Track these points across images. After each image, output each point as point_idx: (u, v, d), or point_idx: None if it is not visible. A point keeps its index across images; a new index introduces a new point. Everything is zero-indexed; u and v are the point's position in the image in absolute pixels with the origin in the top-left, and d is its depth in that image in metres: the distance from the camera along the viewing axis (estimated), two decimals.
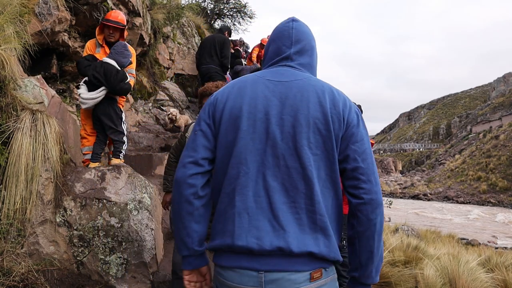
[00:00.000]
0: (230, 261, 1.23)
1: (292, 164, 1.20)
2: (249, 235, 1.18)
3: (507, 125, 47.06)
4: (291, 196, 1.20)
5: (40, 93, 3.34)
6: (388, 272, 4.47)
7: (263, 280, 1.17)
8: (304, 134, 1.21)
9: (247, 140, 1.23)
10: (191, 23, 10.68)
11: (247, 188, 1.21)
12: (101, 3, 4.96)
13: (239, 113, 1.26)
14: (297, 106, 1.23)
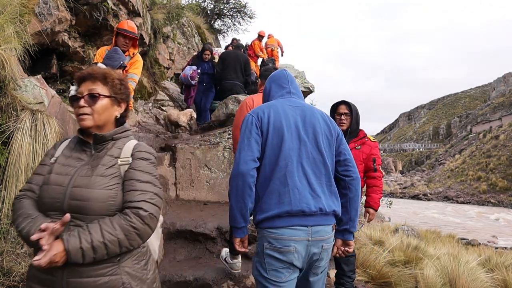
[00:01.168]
0: (287, 222, 1.79)
1: (317, 157, 1.89)
2: (302, 202, 1.80)
3: (507, 125, 47.07)
4: (318, 176, 1.88)
5: (40, 93, 3.35)
6: (388, 272, 4.47)
7: (311, 232, 1.81)
8: (321, 138, 1.91)
9: (289, 143, 1.86)
10: (191, 23, 10.68)
11: (293, 173, 1.83)
12: (101, 3, 4.96)
13: (280, 126, 1.88)
14: (313, 122, 1.95)
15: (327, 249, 1.89)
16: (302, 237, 1.80)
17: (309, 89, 11.09)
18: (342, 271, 3.23)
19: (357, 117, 3.25)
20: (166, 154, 4.75)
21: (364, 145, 3.20)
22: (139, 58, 4.04)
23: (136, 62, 3.98)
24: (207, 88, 6.74)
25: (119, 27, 3.92)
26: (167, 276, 3.07)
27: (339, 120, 3.23)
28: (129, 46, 3.94)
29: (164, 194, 4.24)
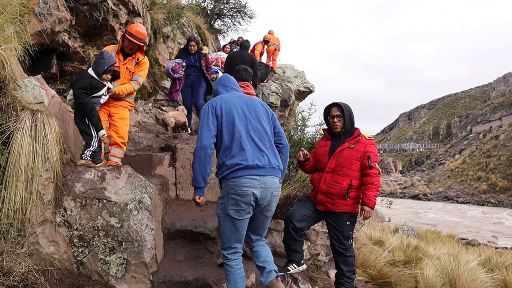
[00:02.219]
0: (246, 172, 2.46)
1: (260, 128, 2.64)
2: (255, 158, 2.50)
3: (507, 125, 47.05)
4: (263, 142, 2.59)
5: (40, 93, 3.35)
6: (388, 272, 4.48)
7: (263, 181, 2.49)
8: (261, 116, 2.69)
9: (239, 121, 2.59)
10: (191, 23, 10.68)
11: (246, 141, 2.54)
12: (101, 3, 4.96)
13: (230, 110, 2.62)
14: (254, 105, 2.72)
15: (276, 196, 2.60)
16: (257, 184, 2.47)
17: (309, 89, 11.08)
18: (341, 271, 3.23)
19: (350, 117, 3.25)
20: (166, 154, 4.74)
21: (359, 143, 3.19)
22: (146, 61, 4.04)
23: (143, 65, 4.00)
24: (196, 82, 6.19)
25: (127, 30, 3.90)
26: (167, 276, 3.07)
27: (333, 122, 3.25)
28: (134, 50, 3.92)
29: (164, 194, 4.24)
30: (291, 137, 6.33)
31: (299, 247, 3.34)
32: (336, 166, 3.19)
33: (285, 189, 4.77)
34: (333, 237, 3.26)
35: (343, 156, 3.17)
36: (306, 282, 3.29)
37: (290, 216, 3.29)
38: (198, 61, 6.19)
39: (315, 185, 3.33)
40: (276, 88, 9.47)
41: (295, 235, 3.26)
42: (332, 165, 3.21)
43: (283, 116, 9.79)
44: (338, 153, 3.20)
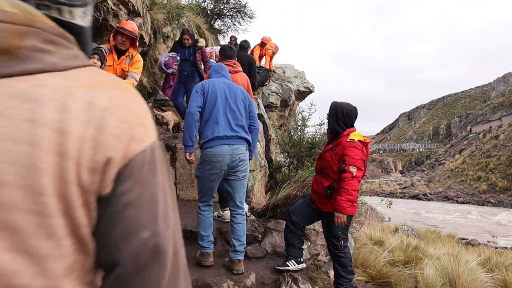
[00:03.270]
0: (217, 142, 3.03)
1: (236, 110, 3.15)
2: (225, 131, 3.05)
3: (507, 125, 47.08)
4: (235, 121, 3.12)
5: None
6: (388, 272, 4.48)
7: (231, 148, 3.03)
8: (239, 100, 3.19)
9: (219, 100, 3.12)
10: (191, 23, 10.68)
11: (221, 118, 3.07)
12: (101, 3, 4.96)
13: (215, 91, 3.15)
14: (235, 91, 3.22)
15: (243, 160, 3.12)
16: (227, 152, 3.03)
17: (309, 89, 11.09)
18: (336, 271, 3.26)
19: (337, 117, 3.23)
20: (166, 154, 4.75)
21: (339, 145, 3.16)
22: (140, 58, 4.10)
23: (136, 62, 4.04)
24: (189, 77, 5.81)
25: (118, 26, 4.00)
26: None
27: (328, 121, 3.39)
28: (127, 46, 3.97)
29: None
30: (291, 137, 6.34)
31: (297, 242, 3.38)
32: (321, 168, 3.28)
33: (285, 189, 4.78)
34: (325, 236, 3.36)
35: (325, 158, 3.24)
36: (306, 282, 3.29)
37: (289, 210, 3.46)
38: (193, 55, 5.81)
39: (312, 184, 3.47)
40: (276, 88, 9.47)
41: (292, 228, 3.36)
42: (318, 166, 3.34)
43: (283, 116, 9.78)
44: (322, 154, 3.31)
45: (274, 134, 7.06)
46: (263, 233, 3.80)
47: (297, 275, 3.30)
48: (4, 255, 0.43)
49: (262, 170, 5.23)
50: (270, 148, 6.77)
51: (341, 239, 3.20)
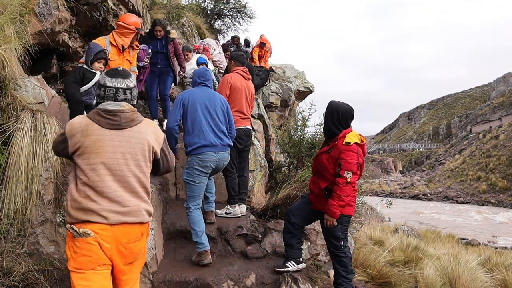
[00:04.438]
0: (205, 149, 3.39)
1: (216, 118, 3.51)
2: (211, 139, 3.42)
3: (507, 125, 47.04)
4: (217, 128, 3.50)
5: (40, 93, 3.35)
6: (388, 272, 4.48)
7: (217, 155, 3.45)
8: (218, 108, 3.56)
9: (200, 111, 3.46)
10: (191, 23, 10.68)
11: (205, 126, 3.43)
12: (101, 3, 4.96)
13: (195, 103, 3.48)
14: (214, 100, 3.58)
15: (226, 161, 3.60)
16: (213, 159, 3.43)
17: (309, 89, 11.08)
18: (336, 270, 3.25)
19: (331, 117, 3.16)
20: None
21: (335, 148, 3.10)
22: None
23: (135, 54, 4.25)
24: (164, 71, 5.51)
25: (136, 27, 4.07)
26: (167, 276, 3.07)
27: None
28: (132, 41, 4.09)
29: (164, 194, 4.24)
30: (291, 137, 6.34)
31: (295, 242, 3.37)
32: (317, 169, 3.27)
33: (285, 189, 4.77)
34: (325, 237, 3.34)
35: (320, 160, 3.21)
36: (306, 282, 3.29)
37: (288, 210, 3.46)
38: (165, 47, 5.49)
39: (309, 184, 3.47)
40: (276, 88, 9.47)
41: (291, 228, 3.35)
42: (315, 168, 3.32)
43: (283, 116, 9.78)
44: (318, 156, 3.28)
45: (274, 134, 7.06)
46: (263, 233, 3.80)
47: (297, 275, 3.30)
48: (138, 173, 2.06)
49: (262, 170, 5.22)
50: (270, 148, 6.77)
51: (341, 239, 3.18)
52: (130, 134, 2.02)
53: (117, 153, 1.97)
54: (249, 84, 4.36)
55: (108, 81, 2.04)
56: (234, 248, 3.64)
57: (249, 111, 4.35)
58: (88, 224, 1.90)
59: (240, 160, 4.25)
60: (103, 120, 1.98)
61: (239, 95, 4.17)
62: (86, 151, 1.95)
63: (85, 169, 1.95)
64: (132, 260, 2.03)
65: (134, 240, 2.00)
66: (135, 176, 2.02)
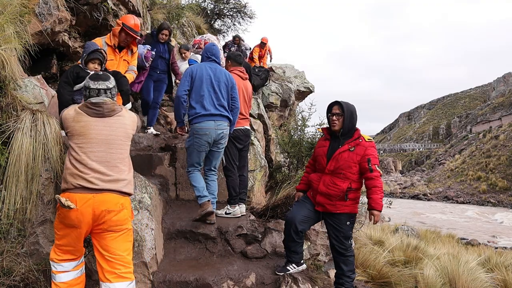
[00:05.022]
0: (204, 119, 3.60)
1: (218, 92, 3.69)
2: (211, 109, 3.62)
3: (507, 125, 47.06)
4: (219, 102, 3.69)
5: (40, 93, 3.35)
6: (388, 272, 4.48)
7: (216, 124, 3.62)
8: (222, 84, 3.73)
9: (205, 84, 3.66)
10: (191, 23, 10.68)
11: (207, 99, 3.64)
12: (101, 3, 4.96)
13: (201, 76, 3.68)
14: (219, 75, 3.75)
15: (225, 134, 3.71)
16: (212, 126, 3.60)
17: (309, 89, 11.08)
18: (341, 271, 3.22)
19: (351, 117, 3.19)
20: (166, 154, 4.75)
21: (359, 146, 3.13)
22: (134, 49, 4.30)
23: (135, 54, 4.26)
24: (161, 77, 5.43)
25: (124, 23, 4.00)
26: (167, 276, 3.07)
27: (332, 120, 3.22)
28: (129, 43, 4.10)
29: (164, 194, 4.24)
30: (291, 137, 6.34)
31: (299, 248, 3.33)
32: (336, 169, 3.14)
33: (285, 189, 4.77)
34: (333, 238, 3.22)
35: (343, 159, 3.12)
36: (306, 282, 3.29)
37: (291, 218, 3.24)
38: (167, 53, 5.43)
39: (314, 185, 3.28)
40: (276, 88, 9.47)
41: (295, 237, 3.24)
42: (331, 167, 3.16)
43: (283, 116, 9.78)
44: (338, 155, 3.15)
45: (274, 134, 7.06)
46: (263, 233, 3.80)
47: (297, 275, 3.30)
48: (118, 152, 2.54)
49: (262, 170, 5.22)
50: (270, 148, 6.77)
51: (351, 238, 3.22)
52: (112, 121, 2.53)
53: (101, 135, 2.46)
54: (246, 84, 4.36)
55: (91, 84, 2.54)
56: (234, 248, 3.63)
57: (247, 111, 4.33)
58: (74, 193, 2.36)
59: (240, 160, 4.24)
60: (89, 110, 2.49)
61: None
62: (75, 133, 2.46)
63: (75, 148, 2.44)
64: (110, 228, 2.40)
65: (114, 209, 2.39)
66: (116, 154, 2.50)
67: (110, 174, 2.43)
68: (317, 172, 3.32)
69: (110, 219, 2.39)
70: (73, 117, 2.48)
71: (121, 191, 2.45)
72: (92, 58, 3.42)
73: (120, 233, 2.45)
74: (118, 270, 2.41)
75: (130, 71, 4.15)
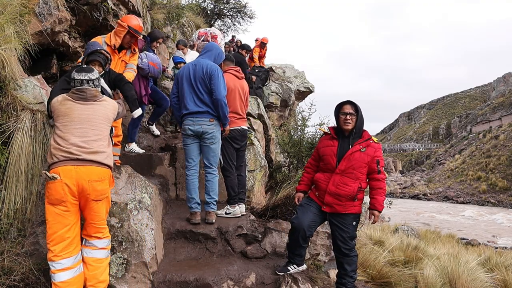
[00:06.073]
0: (187, 117, 3.81)
1: (197, 87, 3.79)
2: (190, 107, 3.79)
3: (507, 125, 47.05)
4: (198, 98, 3.80)
5: (40, 93, 3.35)
6: (388, 272, 4.47)
7: (195, 121, 3.78)
8: (199, 78, 3.80)
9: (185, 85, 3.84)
10: (191, 23, 10.68)
11: (188, 98, 3.81)
12: (101, 3, 4.96)
13: (182, 76, 3.86)
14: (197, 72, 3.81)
15: (207, 129, 3.76)
16: (191, 123, 3.77)
17: (309, 89, 11.09)
18: (344, 271, 3.21)
19: (362, 117, 3.21)
20: (166, 154, 4.75)
21: (369, 147, 3.15)
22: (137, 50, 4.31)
23: (135, 54, 4.25)
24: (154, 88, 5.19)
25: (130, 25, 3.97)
26: (167, 276, 3.07)
27: (344, 120, 3.17)
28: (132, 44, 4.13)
29: (164, 194, 4.24)
30: (291, 137, 6.34)
31: (304, 251, 3.33)
32: (347, 168, 3.12)
33: (285, 189, 4.77)
34: (338, 238, 3.18)
35: (355, 159, 3.11)
36: (306, 282, 3.29)
37: (299, 224, 3.19)
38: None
39: (321, 185, 3.22)
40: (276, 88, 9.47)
41: (302, 243, 3.23)
42: (342, 167, 3.12)
43: (283, 116, 9.78)
44: (350, 155, 3.12)
45: (274, 134, 7.06)
46: (263, 233, 3.80)
47: (297, 275, 3.30)
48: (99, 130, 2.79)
49: (262, 170, 5.22)
50: (270, 148, 6.77)
51: (355, 239, 3.23)
52: (94, 105, 2.81)
53: (83, 115, 2.73)
54: (242, 83, 4.35)
55: (75, 75, 2.82)
56: (234, 248, 3.63)
57: (244, 111, 4.33)
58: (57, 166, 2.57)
59: (237, 159, 4.24)
60: (74, 95, 2.78)
61: (233, 95, 4.14)
62: (60, 114, 2.72)
63: (59, 126, 2.70)
64: (96, 197, 2.65)
65: (96, 180, 2.64)
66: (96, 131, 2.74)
67: (90, 147, 2.66)
68: (324, 172, 3.26)
69: (95, 189, 2.63)
70: (60, 101, 2.78)
71: (101, 163, 2.69)
72: (91, 60, 3.34)
73: (102, 201, 2.72)
74: (101, 233, 2.75)
75: (129, 70, 4.09)
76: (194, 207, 3.75)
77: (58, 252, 2.55)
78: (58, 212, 2.56)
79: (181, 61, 5.93)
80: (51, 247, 2.56)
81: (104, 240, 2.78)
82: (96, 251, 2.73)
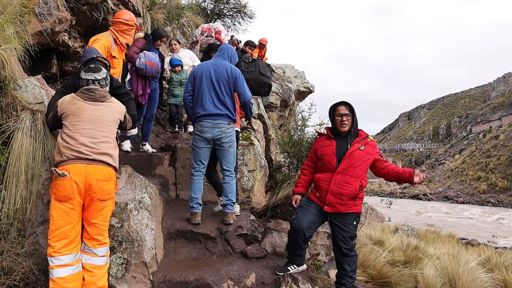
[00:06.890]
0: (203, 118, 3.71)
1: (218, 90, 3.72)
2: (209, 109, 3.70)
3: (507, 125, 47.05)
4: (218, 100, 3.71)
5: (40, 93, 3.34)
6: (388, 272, 4.47)
7: (214, 123, 3.69)
8: (222, 80, 3.73)
9: (205, 83, 3.73)
10: (191, 23, 10.68)
11: (206, 98, 3.71)
12: (101, 3, 4.95)
13: (201, 75, 3.76)
14: (219, 72, 3.74)
15: (226, 132, 3.71)
16: (210, 125, 3.68)
17: (309, 89, 11.09)
18: (344, 271, 3.21)
19: (356, 117, 3.26)
20: (166, 154, 4.75)
21: (367, 145, 3.21)
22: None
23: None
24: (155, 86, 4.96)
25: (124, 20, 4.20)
26: (167, 276, 3.07)
27: (340, 121, 3.18)
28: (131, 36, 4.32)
29: (164, 194, 4.24)
30: (291, 137, 6.34)
31: (304, 252, 3.33)
32: (348, 167, 3.12)
33: (285, 189, 4.77)
34: (339, 238, 3.17)
35: (355, 158, 3.13)
36: (306, 282, 3.29)
37: (298, 225, 3.17)
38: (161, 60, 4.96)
39: (322, 185, 3.20)
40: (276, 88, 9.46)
41: (302, 244, 3.22)
42: (344, 166, 3.13)
43: (283, 116, 9.78)
44: (350, 154, 3.14)
45: (274, 134, 7.06)
46: (263, 233, 3.80)
47: (297, 275, 3.30)
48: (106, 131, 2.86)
49: (262, 170, 5.22)
50: (270, 148, 6.77)
51: (355, 238, 3.23)
52: (102, 106, 2.87)
53: (92, 116, 2.78)
54: None
55: (83, 75, 2.91)
56: (234, 248, 3.63)
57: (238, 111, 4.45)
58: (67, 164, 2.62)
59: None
60: (83, 95, 2.84)
61: None
62: (70, 113, 2.77)
63: (68, 125, 2.75)
64: (101, 197, 2.70)
65: (103, 179, 2.70)
66: (104, 132, 2.80)
67: (99, 148, 2.73)
68: (323, 172, 3.25)
69: (101, 189, 2.68)
70: (69, 100, 2.83)
71: (109, 164, 2.76)
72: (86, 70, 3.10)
73: (107, 202, 2.77)
74: (102, 236, 2.76)
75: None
76: (195, 207, 3.71)
77: (59, 248, 2.57)
78: (64, 209, 2.60)
79: (178, 63, 5.88)
80: (52, 243, 2.57)
81: (104, 248, 2.78)
82: (96, 258, 2.74)
